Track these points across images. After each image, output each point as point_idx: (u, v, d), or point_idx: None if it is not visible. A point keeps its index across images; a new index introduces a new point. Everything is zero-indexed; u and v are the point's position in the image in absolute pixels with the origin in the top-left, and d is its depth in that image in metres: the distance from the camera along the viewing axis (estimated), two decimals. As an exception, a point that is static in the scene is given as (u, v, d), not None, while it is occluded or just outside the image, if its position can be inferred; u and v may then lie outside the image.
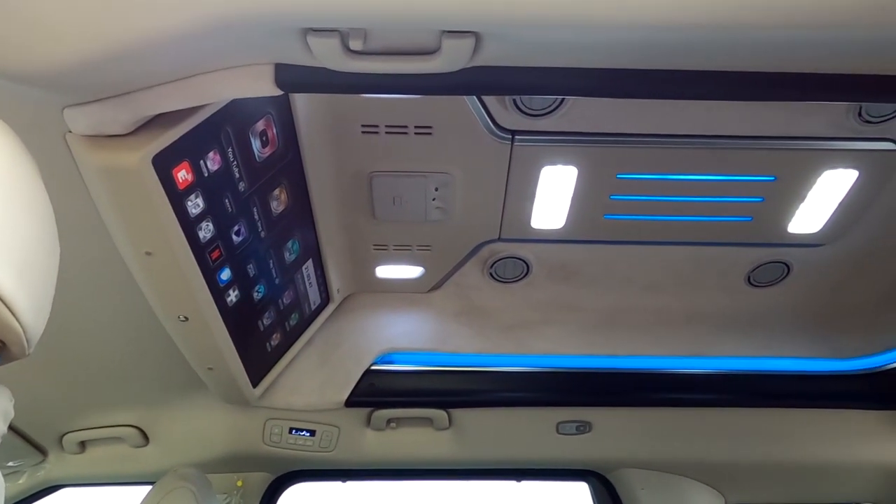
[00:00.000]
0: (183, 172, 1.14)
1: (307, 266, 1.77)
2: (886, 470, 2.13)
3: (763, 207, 1.72)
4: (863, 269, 1.92)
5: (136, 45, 0.80)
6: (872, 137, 1.55)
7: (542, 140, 1.55)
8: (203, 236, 1.28)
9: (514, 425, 2.10)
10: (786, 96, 1.09)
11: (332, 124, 1.49)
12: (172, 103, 0.98)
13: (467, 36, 0.83)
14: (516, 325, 2.05)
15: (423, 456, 2.14)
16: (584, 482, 2.35)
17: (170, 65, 0.90)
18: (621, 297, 2.03)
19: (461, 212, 1.74)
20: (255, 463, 2.16)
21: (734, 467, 2.17)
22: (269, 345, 1.78)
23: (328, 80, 0.92)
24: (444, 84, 0.93)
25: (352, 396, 1.96)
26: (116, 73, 0.88)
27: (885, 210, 1.73)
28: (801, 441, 2.11)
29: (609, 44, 0.88)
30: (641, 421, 2.10)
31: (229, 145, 1.23)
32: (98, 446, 2.13)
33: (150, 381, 1.94)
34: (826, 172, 1.61)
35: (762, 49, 0.89)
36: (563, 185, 1.66)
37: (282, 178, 1.45)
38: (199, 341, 1.51)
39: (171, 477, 1.82)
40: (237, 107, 1.18)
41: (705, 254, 1.89)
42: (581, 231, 1.80)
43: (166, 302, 1.39)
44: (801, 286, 1.99)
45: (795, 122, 1.52)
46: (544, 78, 0.96)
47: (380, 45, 0.86)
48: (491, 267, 1.96)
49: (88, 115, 0.96)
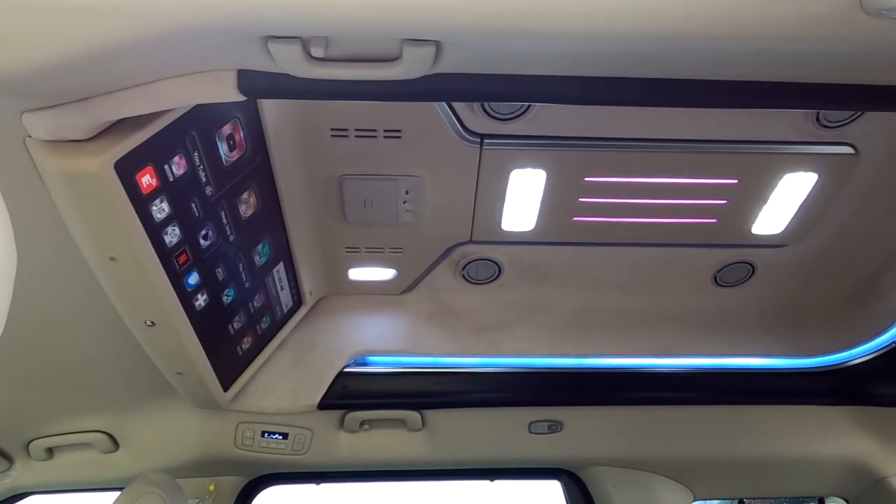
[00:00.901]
0: (147, 177, 1.13)
1: (278, 269, 1.76)
2: (848, 463, 2.20)
3: (727, 209, 1.76)
4: (824, 269, 1.98)
5: (94, 52, 0.80)
6: (830, 142, 1.59)
7: (511, 144, 1.56)
8: (169, 241, 1.27)
9: (486, 425, 2.12)
10: (747, 104, 1.12)
11: (301, 128, 1.49)
12: (133, 109, 0.97)
13: (428, 44, 0.85)
14: (489, 327, 2.07)
15: (396, 457, 2.15)
16: (556, 480, 2.38)
17: (129, 71, 0.89)
18: (591, 298, 2.06)
19: (432, 214, 1.75)
20: (228, 467, 2.15)
21: (702, 463, 2.22)
22: (239, 348, 1.77)
23: (291, 86, 0.92)
24: (407, 91, 0.94)
25: (325, 399, 1.96)
26: (75, 78, 0.87)
27: (844, 211, 1.78)
28: (766, 437, 2.16)
29: (569, 53, 0.90)
30: (612, 419, 2.13)
31: (195, 149, 1.22)
32: (66, 453, 2.10)
33: (120, 386, 1.92)
34: (787, 175, 1.66)
35: (723, 59, 0.91)
36: (533, 188, 1.68)
37: (250, 181, 1.45)
38: (167, 346, 1.50)
39: (139, 483, 1.80)
40: (203, 111, 1.18)
41: (673, 255, 1.92)
42: (551, 233, 1.82)
43: (132, 307, 1.38)
44: (765, 286, 2.03)
45: (757, 126, 1.56)
46: (506, 85, 0.97)
47: (341, 52, 0.87)
48: (463, 269, 1.98)
49: (47, 120, 0.95)
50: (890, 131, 1.58)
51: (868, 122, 1.55)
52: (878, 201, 1.75)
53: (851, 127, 1.56)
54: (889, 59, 0.91)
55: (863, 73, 0.97)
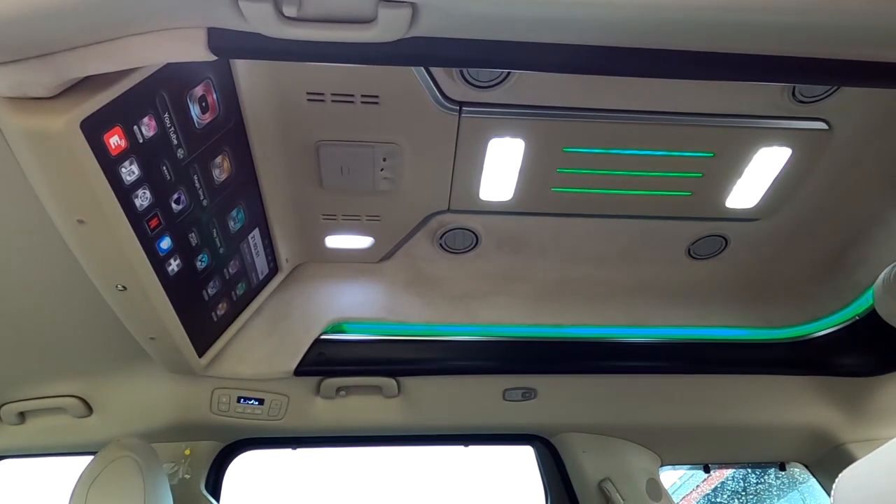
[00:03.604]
0: (115, 138, 1.11)
1: (253, 235, 1.74)
2: (810, 431, 2.28)
3: (702, 182, 1.77)
4: (794, 243, 2.02)
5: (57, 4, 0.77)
6: (805, 117, 1.61)
7: (490, 112, 1.55)
8: (140, 204, 1.25)
9: (461, 392, 2.15)
10: (724, 76, 1.13)
11: (276, 91, 1.46)
12: (99, 66, 0.94)
13: (404, 5, 0.83)
14: (465, 295, 2.08)
15: (372, 423, 2.17)
16: (528, 446, 2.43)
17: (94, 26, 0.86)
18: (567, 269, 2.08)
19: (410, 182, 1.74)
20: (203, 432, 2.16)
21: (670, 430, 2.28)
22: (214, 314, 1.76)
23: (262, 46, 0.90)
24: (383, 54, 0.93)
25: (301, 365, 1.96)
26: (37, 32, 0.84)
27: (816, 187, 1.81)
28: (731, 405, 2.23)
29: (546, 19, 0.89)
30: (584, 387, 2.18)
31: (165, 111, 1.19)
32: (39, 417, 2.08)
33: (93, 350, 1.90)
34: (762, 150, 1.68)
35: (702, 29, 0.91)
36: (511, 158, 1.68)
37: (224, 145, 1.42)
38: (139, 311, 1.49)
39: (113, 446, 1.79)
40: (174, 71, 1.14)
41: (648, 227, 1.95)
42: (529, 203, 1.83)
43: (103, 271, 1.36)
44: (737, 259, 2.07)
45: (733, 100, 1.57)
46: (484, 51, 0.96)
47: (315, 11, 0.85)
48: (441, 238, 1.98)
49: (8, 75, 0.91)
50: (862, 109, 1.60)
51: (842, 98, 1.57)
52: (848, 178, 1.78)
53: (825, 103, 1.57)
54: (863, 34, 0.91)
55: (837, 48, 0.97)
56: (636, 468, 2.28)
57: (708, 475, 5.37)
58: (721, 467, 3.00)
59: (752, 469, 7.40)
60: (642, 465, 2.30)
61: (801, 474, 2.39)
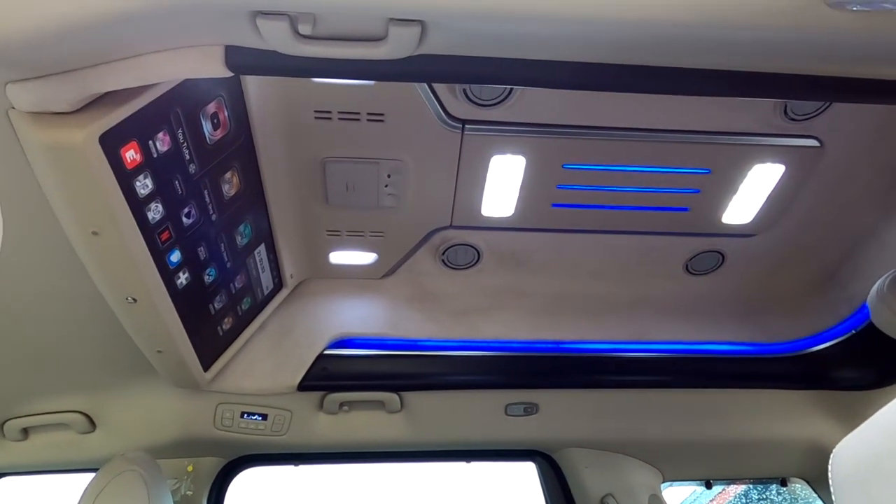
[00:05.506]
0: (131, 152, 1.14)
1: (259, 251, 1.77)
2: (810, 445, 2.28)
3: (699, 199, 1.81)
4: (790, 258, 2.05)
5: (81, 22, 0.81)
6: (797, 134, 1.66)
7: (492, 130, 1.60)
8: (152, 217, 1.28)
9: (463, 408, 2.16)
10: (718, 92, 1.17)
11: (284, 109, 1.50)
12: (120, 82, 0.98)
13: (413, 24, 0.87)
14: (467, 311, 2.10)
15: (375, 439, 2.18)
16: (531, 462, 2.43)
17: (116, 43, 0.90)
18: (568, 284, 2.11)
19: (413, 199, 1.77)
20: (207, 447, 2.16)
21: (671, 445, 2.29)
22: (220, 329, 1.79)
23: (278, 63, 0.94)
24: (392, 71, 0.97)
25: (304, 380, 1.98)
26: (61, 49, 0.88)
27: (810, 203, 1.86)
28: (732, 419, 2.23)
29: (550, 37, 0.93)
30: (585, 402, 2.19)
31: (179, 127, 1.23)
32: (42, 433, 2.08)
33: (97, 366, 1.91)
34: (756, 166, 1.72)
35: (696, 47, 0.96)
36: (512, 174, 1.72)
37: (234, 161, 1.46)
38: (147, 323, 1.51)
39: (118, 461, 1.80)
40: (187, 88, 1.19)
41: (647, 243, 1.98)
42: (530, 219, 1.86)
43: (114, 283, 1.38)
44: (734, 274, 2.10)
45: (728, 118, 1.62)
46: (489, 68, 1.00)
47: (328, 30, 0.89)
48: (443, 254, 2.01)
49: (32, 91, 0.95)
50: (853, 126, 1.65)
51: (833, 116, 1.61)
52: (840, 193, 1.82)
53: (817, 120, 1.62)
54: (851, 51, 0.96)
55: (827, 65, 1.01)
56: (638, 484, 2.28)
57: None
58: (728, 484, 2.98)
59: (754, 485, 7.25)
60: (644, 481, 2.30)
61: (802, 490, 2.38)
